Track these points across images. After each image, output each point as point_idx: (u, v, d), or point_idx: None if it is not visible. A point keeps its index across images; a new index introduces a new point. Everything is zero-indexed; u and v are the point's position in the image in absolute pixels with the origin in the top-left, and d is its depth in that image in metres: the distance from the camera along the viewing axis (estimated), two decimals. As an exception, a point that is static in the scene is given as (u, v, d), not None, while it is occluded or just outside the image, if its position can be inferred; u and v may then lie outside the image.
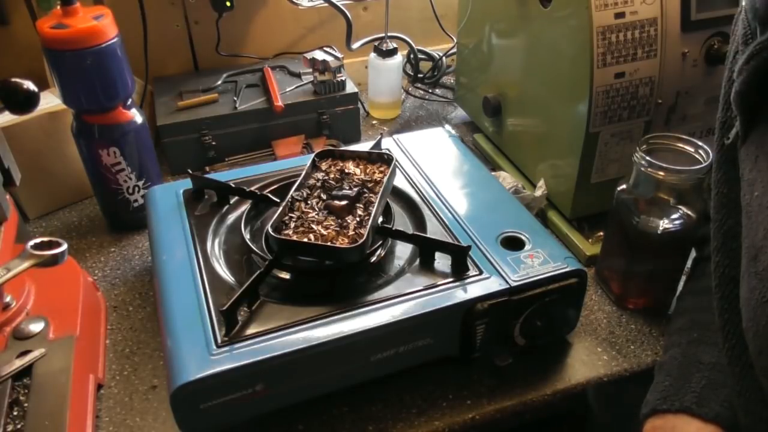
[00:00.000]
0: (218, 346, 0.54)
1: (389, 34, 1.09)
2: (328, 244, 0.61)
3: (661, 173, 0.64)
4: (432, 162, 0.81)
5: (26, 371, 0.58)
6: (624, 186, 0.68)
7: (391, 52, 1.08)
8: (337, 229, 0.63)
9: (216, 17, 1.08)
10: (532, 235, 0.67)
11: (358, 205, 0.66)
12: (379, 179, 0.70)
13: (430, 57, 1.22)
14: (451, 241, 0.66)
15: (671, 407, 0.55)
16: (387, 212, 0.69)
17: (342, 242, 0.61)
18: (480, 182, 0.77)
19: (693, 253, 0.72)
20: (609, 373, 0.66)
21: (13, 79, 0.61)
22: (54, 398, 0.56)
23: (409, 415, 0.62)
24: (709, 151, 0.63)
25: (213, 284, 0.62)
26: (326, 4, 1.09)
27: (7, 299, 0.64)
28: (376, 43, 1.10)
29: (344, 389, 0.61)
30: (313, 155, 0.73)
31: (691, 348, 0.59)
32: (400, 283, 0.62)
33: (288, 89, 1.03)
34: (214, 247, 0.68)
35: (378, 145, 0.81)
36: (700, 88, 0.76)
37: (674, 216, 0.65)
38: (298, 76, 1.07)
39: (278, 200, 0.70)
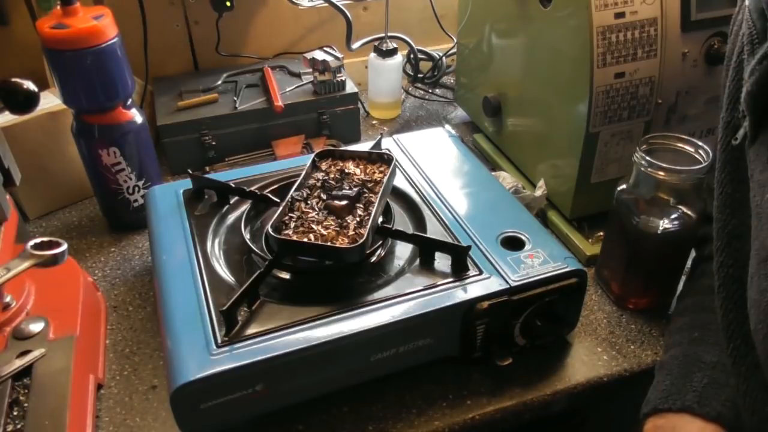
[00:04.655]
0: (218, 346, 0.54)
1: (389, 34, 1.10)
2: (328, 244, 0.61)
3: (661, 173, 0.64)
4: (432, 162, 0.81)
5: (26, 371, 0.58)
6: (624, 186, 0.68)
7: (391, 52, 1.08)
8: (337, 229, 0.63)
9: (216, 17, 1.08)
10: (532, 235, 0.67)
11: (358, 205, 0.66)
12: (379, 179, 0.70)
13: (430, 57, 1.22)
14: (451, 241, 0.66)
15: (672, 406, 0.55)
16: (387, 212, 0.69)
17: (342, 242, 0.61)
18: (480, 182, 0.77)
19: (693, 253, 0.72)
20: (609, 373, 0.66)
21: (13, 79, 0.61)
22: (54, 398, 0.56)
23: (409, 415, 0.62)
24: (709, 151, 0.63)
25: (213, 284, 0.61)
26: (326, 4, 1.09)
27: (7, 299, 0.64)
28: (376, 43, 1.10)
29: (344, 389, 0.61)
30: (313, 155, 0.73)
31: (692, 347, 0.59)
32: (400, 283, 0.62)
33: (288, 89, 1.03)
34: (214, 247, 0.68)
35: (378, 145, 0.81)
36: (700, 88, 0.76)
37: (674, 216, 0.65)
38: (298, 76, 1.07)
39: (278, 200, 0.70)
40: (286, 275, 0.64)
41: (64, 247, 0.60)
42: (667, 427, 0.55)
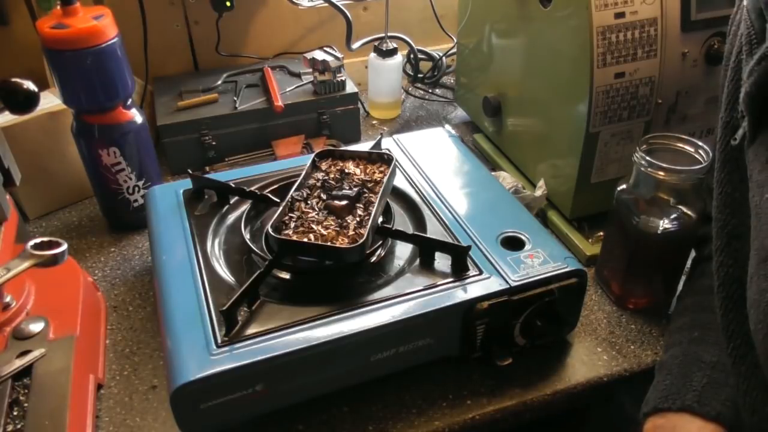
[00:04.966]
0: (218, 346, 0.54)
1: (389, 34, 1.10)
2: (328, 244, 0.61)
3: (661, 173, 0.64)
4: (432, 162, 0.81)
5: (26, 371, 0.58)
6: (624, 186, 0.68)
7: (391, 52, 1.08)
8: (337, 229, 0.63)
9: (216, 17, 1.08)
10: (532, 235, 0.67)
11: (358, 205, 0.66)
12: (379, 179, 0.70)
13: (430, 57, 1.22)
14: (451, 241, 0.66)
15: (672, 406, 0.55)
16: (387, 212, 0.69)
17: (342, 242, 0.61)
18: (480, 182, 0.77)
19: (693, 253, 0.72)
20: (609, 373, 0.66)
21: (13, 79, 0.61)
22: (54, 398, 0.56)
23: (409, 415, 0.62)
24: (709, 151, 0.63)
25: (213, 284, 0.61)
26: (326, 4, 1.09)
27: (7, 299, 0.64)
28: (376, 43, 1.10)
29: (344, 389, 0.61)
30: (313, 155, 0.73)
31: (692, 347, 0.59)
32: (400, 283, 0.62)
33: (288, 89, 1.03)
34: (214, 247, 0.68)
35: (378, 145, 0.81)
36: (700, 88, 0.76)
37: (674, 216, 0.65)
38: (298, 76, 1.07)
39: (278, 200, 0.70)
40: (286, 275, 0.64)
41: (64, 247, 0.60)
42: (667, 427, 0.55)
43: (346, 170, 0.71)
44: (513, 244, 0.66)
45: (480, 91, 0.98)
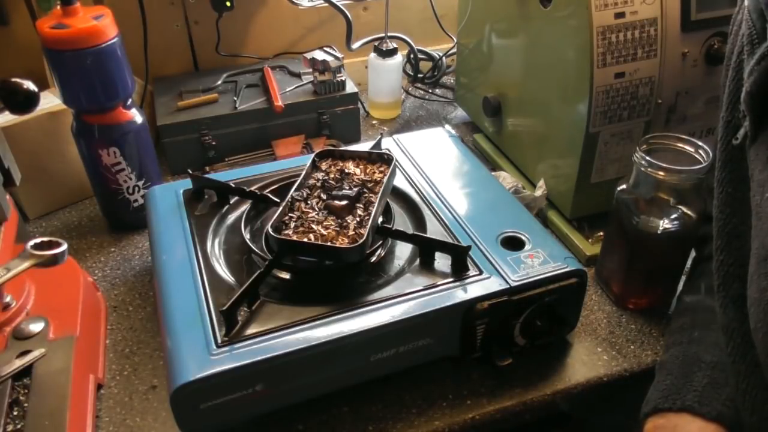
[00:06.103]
0: (218, 346, 0.54)
1: (389, 34, 1.10)
2: (328, 244, 0.61)
3: (661, 173, 0.64)
4: (432, 162, 0.81)
5: (26, 371, 0.58)
6: (624, 186, 0.69)
7: (391, 52, 1.08)
8: (337, 229, 0.63)
9: (216, 17, 1.08)
10: (532, 235, 0.67)
11: (358, 205, 0.66)
12: (379, 179, 0.70)
13: (430, 57, 1.22)
14: (451, 241, 0.66)
15: (673, 406, 0.55)
16: (387, 212, 0.69)
17: (342, 242, 0.61)
18: (480, 182, 0.77)
19: (693, 253, 0.72)
20: (609, 373, 0.66)
21: (13, 79, 0.61)
22: (54, 398, 0.56)
23: (409, 415, 0.62)
24: (709, 151, 0.63)
25: (213, 284, 0.61)
26: (326, 4, 1.09)
27: (7, 299, 0.64)
28: (376, 43, 1.10)
29: (344, 389, 0.61)
30: (313, 155, 0.73)
31: (692, 347, 0.59)
32: (400, 283, 0.62)
33: (288, 89, 1.03)
34: (214, 247, 0.68)
35: (378, 145, 0.81)
36: (700, 88, 0.76)
37: (674, 216, 0.65)
38: (298, 76, 1.07)
39: (278, 200, 0.70)
40: (286, 275, 0.64)
41: (64, 247, 0.60)
42: (667, 427, 0.55)
43: (346, 170, 0.71)
44: (513, 244, 0.66)
45: (480, 91, 0.98)
